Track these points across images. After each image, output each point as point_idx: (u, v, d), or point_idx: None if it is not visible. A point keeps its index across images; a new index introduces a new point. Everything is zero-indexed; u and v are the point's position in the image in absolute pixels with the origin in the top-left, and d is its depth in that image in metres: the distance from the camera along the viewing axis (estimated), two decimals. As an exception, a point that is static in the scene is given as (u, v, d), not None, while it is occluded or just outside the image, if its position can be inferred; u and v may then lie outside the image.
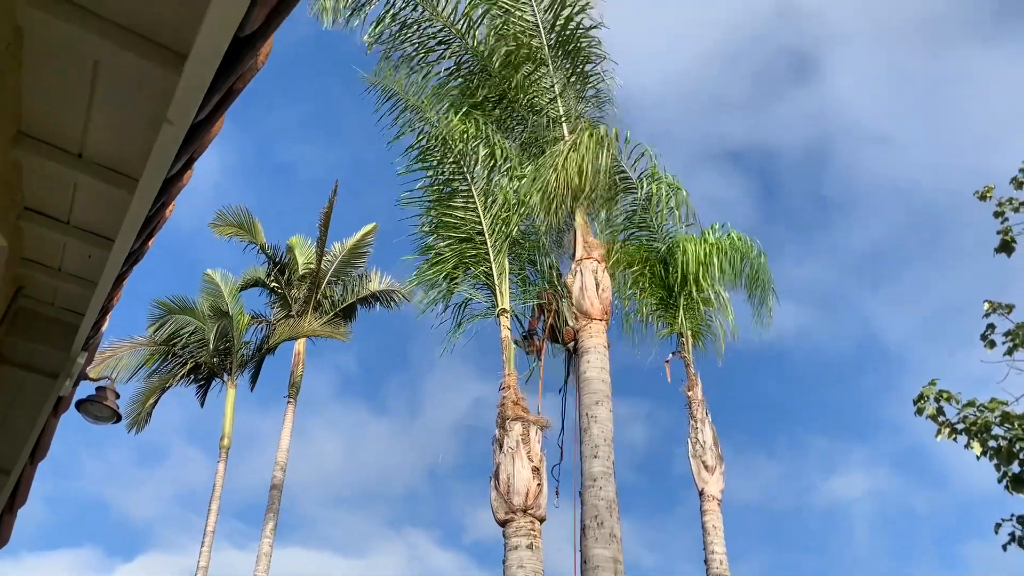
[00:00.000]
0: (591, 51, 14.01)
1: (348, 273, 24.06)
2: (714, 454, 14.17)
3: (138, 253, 3.85)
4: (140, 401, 21.04)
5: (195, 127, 2.23)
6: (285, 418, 21.72)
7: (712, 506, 13.78)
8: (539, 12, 13.71)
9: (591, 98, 14.63)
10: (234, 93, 2.18)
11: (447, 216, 13.61)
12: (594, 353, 12.35)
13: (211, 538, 19.80)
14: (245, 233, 22.25)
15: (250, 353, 22.05)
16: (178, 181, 2.98)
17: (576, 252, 13.35)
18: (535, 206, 12.96)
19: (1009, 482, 7.31)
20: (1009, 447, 7.26)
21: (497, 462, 11.16)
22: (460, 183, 13.55)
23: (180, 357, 21.35)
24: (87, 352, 5.84)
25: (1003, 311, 8.77)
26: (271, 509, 20.42)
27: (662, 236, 15.65)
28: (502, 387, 11.89)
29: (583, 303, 12.76)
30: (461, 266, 13.55)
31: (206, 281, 22.27)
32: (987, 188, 9.51)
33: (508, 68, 13.87)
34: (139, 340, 20.88)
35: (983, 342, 8.80)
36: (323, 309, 22.98)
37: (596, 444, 11.44)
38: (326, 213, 21.95)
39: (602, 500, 10.81)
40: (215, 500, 20.26)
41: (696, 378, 15.12)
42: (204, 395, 22.20)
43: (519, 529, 10.57)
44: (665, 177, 14.72)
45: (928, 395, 7.87)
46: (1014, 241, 9.16)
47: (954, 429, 7.66)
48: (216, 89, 2.03)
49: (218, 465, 20.73)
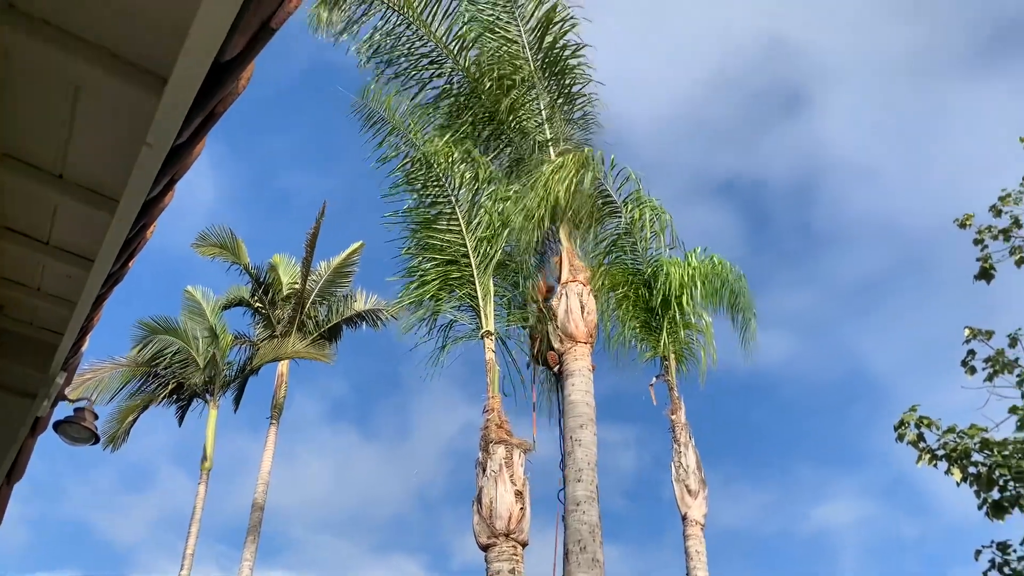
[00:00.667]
0: (577, 72, 14.15)
1: (333, 293, 23.96)
2: (697, 478, 14.15)
3: (118, 274, 3.84)
4: (118, 419, 20.81)
5: (176, 150, 2.24)
6: (267, 440, 21.55)
7: (695, 531, 13.74)
8: (525, 33, 13.85)
9: (578, 120, 14.75)
10: (215, 116, 2.19)
11: (432, 238, 13.63)
12: (579, 376, 12.35)
13: (190, 561, 19.56)
14: (229, 253, 22.14)
15: (233, 374, 21.89)
16: (159, 203, 2.98)
17: (562, 275, 13.38)
18: (519, 227, 13.02)
19: (989, 508, 7.33)
20: (989, 473, 7.29)
21: (480, 486, 11.10)
22: (444, 205, 13.59)
23: (162, 377, 21.16)
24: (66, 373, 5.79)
25: (983, 337, 8.84)
26: (252, 532, 20.21)
27: (646, 259, 15.72)
28: (486, 410, 11.86)
29: (568, 326, 12.78)
30: (446, 287, 13.55)
31: (187, 299, 22.12)
32: (967, 216, 9.62)
33: (498, 90, 13.98)
34: (120, 361, 20.69)
35: (964, 368, 8.86)
36: (307, 330, 22.85)
37: (580, 468, 11.40)
38: (313, 233, 21.91)
39: (585, 524, 10.76)
40: (195, 523, 20.03)
41: (680, 401, 15.13)
42: (183, 415, 22.01)
43: (501, 553, 10.50)
44: (649, 201, 14.81)
45: (909, 421, 7.90)
46: (993, 268, 9.26)
47: (934, 455, 7.69)
48: (197, 113, 2.03)
49: (199, 487, 20.52)
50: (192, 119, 2.06)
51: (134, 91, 1.91)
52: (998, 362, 8.58)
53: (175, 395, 21.72)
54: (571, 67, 14.10)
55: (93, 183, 2.63)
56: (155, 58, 1.81)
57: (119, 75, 1.90)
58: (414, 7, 13.39)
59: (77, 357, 5.47)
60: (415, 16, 13.47)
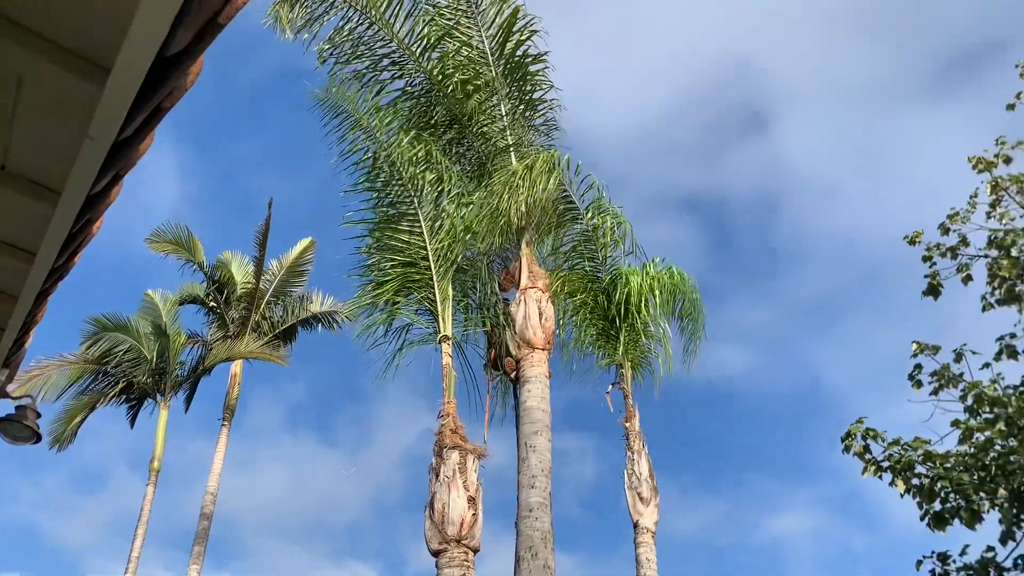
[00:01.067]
0: (539, 79, 14.22)
1: (288, 293, 23.60)
2: (649, 486, 14.23)
3: (62, 269, 3.75)
4: (65, 419, 20.30)
5: (120, 144, 2.19)
6: (219, 442, 21.20)
7: (646, 538, 13.81)
8: (487, 39, 13.87)
9: (540, 127, 14.81)
10: (162, 111, 2.15)
11: (392, 238, 13.51)
12: (535, 383, 12.37)
13: (136, 564, 19.13)
14: (184, 251, 21.71)
15: (185, 373, 21.50)
16: (105, 197, 2.91)
17: (521, 281, 13.40)
18: (481, 233, 13.02)
19: (931, 520, 7.49)
20: (931, 485, 7.45)
21: (433, 491, 11.04)
22: (407, 207, 13.47)
23: (112, 376, 20.69)
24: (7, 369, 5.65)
25: (930, 352, 9.04)
26: (201, 536, 19.85)
27: (606, 267, 15.81)
28: (441, 415, 11.81)
29: (526, 332, 12.80)
30: (404, 290, 13.45)
31: (146, 302, 21.67)
32: (916, 233, 9.83)
33: (460, 94, 13.95)
34: (68, 358, 20.19)
35: (911, 382, 9.05)
36: (262, 330, 22.52)
37: (534, 474, 11.42)
38: (263, 231, 21.52)
39: (537, 531, 10.78)
40: (142, 525, 19.60)
41: (634, 409, 15.21)
42: (134, 416, 21.55)
43: (452, 559, 10.45)
44: (611, 208, 14.92)
45: (855, 433, 8.05)
46: (941, 285, 9.48)
47: (879, 467, 7.84)
48: (142, 107, 2.00)
49: (147, 488, 20.09)
50: (137, 113, 2.02)
51: (77, 82, 1.87)
52: (943, 376, 8.77)
53: (125, 395, 21.26)
54: (532, 74, 14.16)
55: (35, 175, 2.57)
56: (98, 48, 1.77)
57: (62, 64, 1.86)
58: (377, 7, 13.31)
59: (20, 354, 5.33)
60: (378, 16, 13.39)
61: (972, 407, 7.89)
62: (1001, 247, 9.21)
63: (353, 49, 13.74)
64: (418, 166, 13.28)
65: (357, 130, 13.39)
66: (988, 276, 9.32)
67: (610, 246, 15.23)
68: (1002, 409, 7.48)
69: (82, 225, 3.08)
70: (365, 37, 13.70)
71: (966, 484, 7.21)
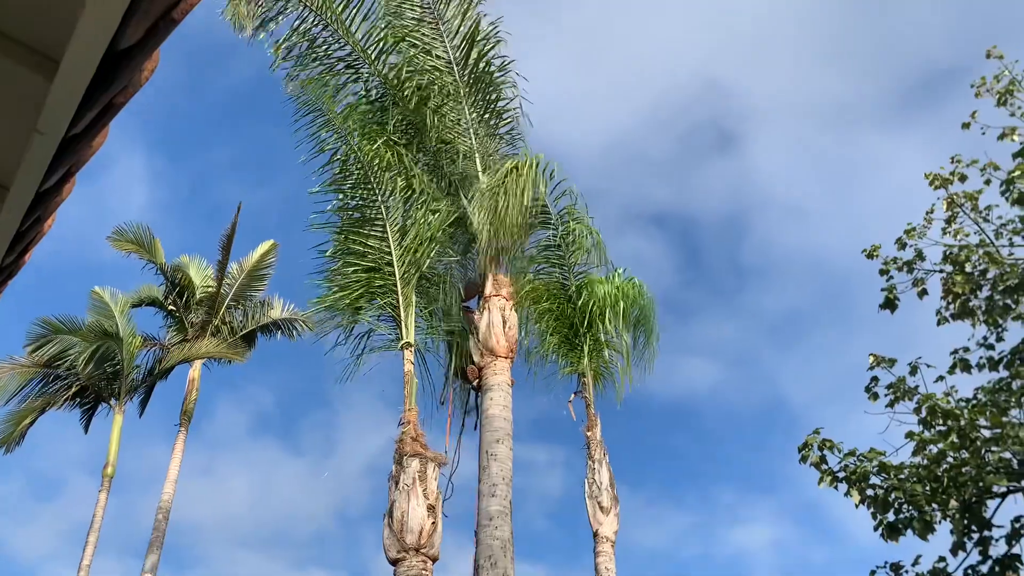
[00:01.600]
0: (503, 88, 14.24)
1: (249, 297, 23.30)
2: (610, 495, 14.26)
3: (12, 267, 3.65)
4: (13, 421, 19.82)
5: (71, 139, 2.14)
6: (175, 447, 20.84)
7: (606, 547, 13.83)
8: (451, 49, 13.86)
9: (504, 135, 14.81)
10: (115, 107, 2.10)
11: (356, 244, 13.38)
12: (498, 391, 12.35)
13: (87, 573, 18.73)
14: (144, 251, 21.37)
15: (141, 377, 21.11)
16: (56, 194, 2.84)
17: (485, 289, 13.37)
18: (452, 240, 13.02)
19: (884, 530, 7.59)
20: (885, 496, 7.55)
21: (392, 499, 10.94)
22: (374, 211, 13.34)
23: (65, 380, 20.25)
24: (-47, 370, 5.47)
25: (886, 365, 9.18)
26: (155, 543, 19.48)
27: (572, 275, 15.86)
28: (401, 422, 11.73)
29: (489, 340, 12.77)
30: (367, 295, 13.34)
31: (95, 299, 21.23)
32: (874, 247, 9.99)
33: (418, 100, 13.89)
34: (20, 361, 19.73)
35: (867, 394, 9.18)
36: (222, 335, 22.20)
37: (495, 483, 11.38)
38: (228, 235, 21.30)
39: (497, 540, 10.74)
40: (94, 532, 19.21)
41: (596, 419, 15.26)
42: (88, 420, 21.12)
43: (411, 568, 10.36)
44: (584, 217, 15.00)
45: (812, 443, 8.13)
46: (897, 299, 9.64)
47: (835, 477, 7.93)
48: (93, 102, 1.95)
49: (100, 495, 19.68)
50: (88, 108, 1.97)
51: (25, 73, 1.82)
52: (899, 389, 8.91)
53: (79, 399, 20.82)
54: (497, 82, 14.18)
55: (-18, 170, 2.50)
56: (47, 39, 1.73)
57: (10, 56, 1.81)
58: (333, 8, 13.19)
59: (-33, 354, 5.18)
60: (334, 17, 13.26)
61: (926, 419, 8.02)
62: (955, 263, 9.40)
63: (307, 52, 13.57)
64: (388, 171, 13.19)
65: (328, 130, 13.27)
66: (943, 291, 9.50)
67: (582, 254, 15.29)
68: (955, 422, 7.61)
69: (32, 223, 2.99)
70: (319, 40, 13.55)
71: (919, 495, 7.32)
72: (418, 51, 13.85)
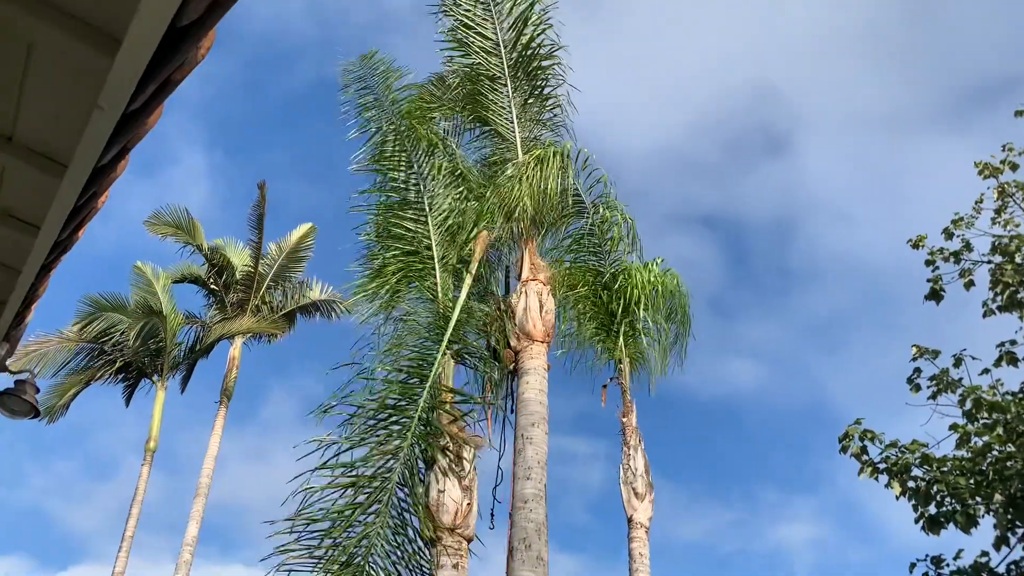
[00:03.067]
0: (549, 74, 14.18)
1: (287, 278, 23.62)
2: (644, 482, 14.23)
3: (67, 243, 3.74)
4: (58, 393, 20.36)
5: (129, 115, 2.18)
6: (215, 424, 21.22)
7: (640, 533, 13.82)
8: (500, 31, 13.84)
9: (547, 122, 14.75)
10: (172, 84, 2.14)
11: (397, 227, 13.48)
12: (534, 375, 12.34)
13: (129, 543, 19.21)
14: (183, 234, 21.70)
15: (183, 354, 21.51)
16: (111, 171, 2.90)
17: (522, 273, 13.36)
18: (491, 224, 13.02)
19: (925, 523, 7.50)
20: (927, 488, 7.45)
21: (428, 480, 11.05)
22: (414, 194, 13.45)
23: (109, 355, 20.73)
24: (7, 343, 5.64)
25: (929, 356, 9.03)
26: (194, 517, 19.90)
27: (609, 262, 15.79)
28: (439, 404, 11.79)
29: (526, 324, 12.76)
30: (406, 279, 13.43)
31: (136, 274, 21.63)
32: (919, 237, 9.81)
33: (471, 84, 13.97)
34: (68, 335, 20.22)
35: (909, 385, 9.04)
36: (262, 314, 22.54)
37: (529, 466, 11.41)
38: (259, 215, 21.54)
39: (531, 523, 10.77)
40: (136, 505, 19.67)
41: (632, 405, 15.21)
42: (130, 395, 21.60)
43: (446, 548, 10.46)
44: (619, 205, 14.91)
45: (853, 434, 8.04)
46: (943, 289, 9.47)
47: (876, 468, 7.84)
48: (152, 78, 1.98)
49: (142, 468, 20.15)
50: (147, 85, 2.01)
51: (88, 51, 1.86)
52: (942, 381, 8.76)
53: (121, 374, 21.30)
54: (544, 67, 14.13)
55: (43, 146, 2.56)
56: (109, 18, 1.76)
57: (73, 34, 1.85)
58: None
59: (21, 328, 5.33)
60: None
61: (970, 412, 7.89)
62: (1005, 253, 9.19)
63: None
64: (432, 154, 13.30)
65: (377, 108, 13.44)
66: (991, 282, 9.30)
67: (617, 241, 15.21)
68: (1001, 415, 7.47)
69: (88, 199, 3.07)
70: None
71: (962, 488, 7.21)
72: (469, 32, 13.91)
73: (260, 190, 21.52)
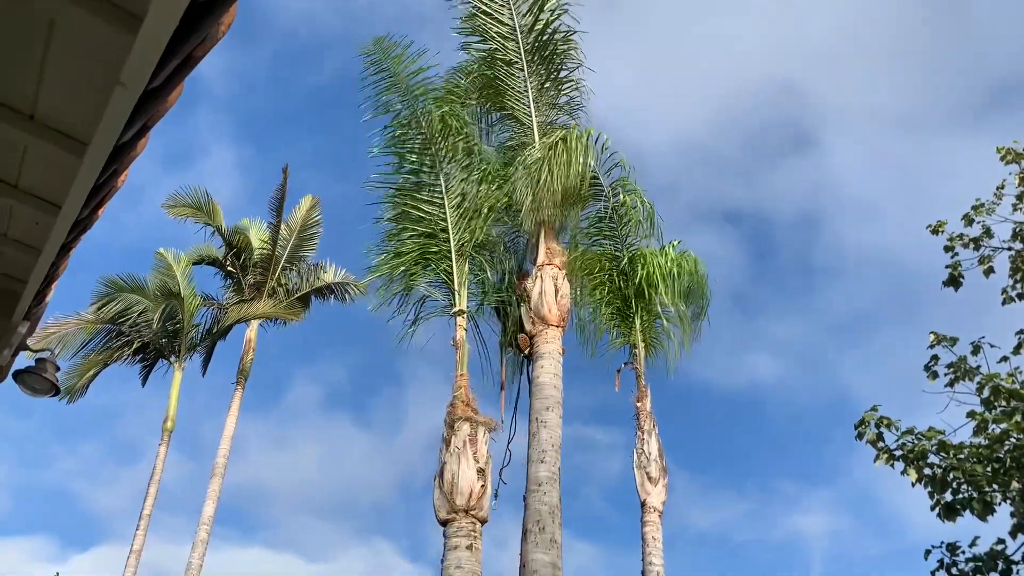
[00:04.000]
0: (565, 57, 14.11)
1: (301, 259, 23.74)
2: (658, 466, 14.25)
3: (87, 222, 3.76)
4: (77, 373, 20.58)
5: (150, 93, 2.19)
6: (232, 404, 21.40)
7: (653, 517, 13.86)
8: (517, 16, 13.78)
9: (563, 105, 14.69)
10: (192, 61, 2.14)
11: (414, 209, 13.51)
12: (548, 359, 12.36)
13: (147, 522, 19.43)
14: (202, 215, 21.82)
15: (200, 336, 21.67)
16: (131, 149, 2.91)
17: (538, 257, 13.35)
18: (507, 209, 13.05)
19: (941, 510, 7.47)
20: (943, 476, 7.42)
21: (443, 461, 11.12)
22: (432, 177, 13.47)
23: (127, 336, 20.91)
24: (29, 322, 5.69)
25: (947, 343, 8.95)
26: (210, 496, 20.10)
27: (626, 246, 15.75)
28: (454, 387, 11.86)
29: (541, 309, 12.77)
30: (422, 261, 13.47)
31: (158, 260, 21.79)
32: (939, 223, 9.70)
33: (489, 69, 13.96)
34: (86, 316, 20.39)
35: (926, 372, 8.97)
36: (278, 296, 22.68)
37: (544, 449, 11.45)
38: (279, 196, 21.61)
39: (545, 505, 10.82)
40: (154, 484, 19.88)
41: (646, 390, 15.21)
42: (147, 376, 21.79)
43: (460, 529, 10.53)
44: (637, 188, 14.85)
45: (869, 420, 8.00)
46: (961, 276, 9.38)
47: (892, 455, 7.81)
48: (173, 55, 1.99)
49: (159, 448, 20.36)
50: (167, 62, 2.01)
51: (109, 29, 1.86)
52: (960, 368, 8.69)
53: (139, 355, 21.49)
54: (559, 52, 14.06)
55: (64, 125, 2.57)
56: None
57: (94, 11, 1.85)
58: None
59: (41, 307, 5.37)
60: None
61: (988, 399, 7.83)
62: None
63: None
64: (448, 137, 13.30)
65: (394, 91, 13.45)
66: (1011, 269, 9.21)
67: (635, 225, 15.16)
68: (1019, 402, 7.42)
69: (108, 177, 3.08)
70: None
71: (979, 475, 7.17)
72: (488, 19, 13.90)
73: (283, 173, 21.62)
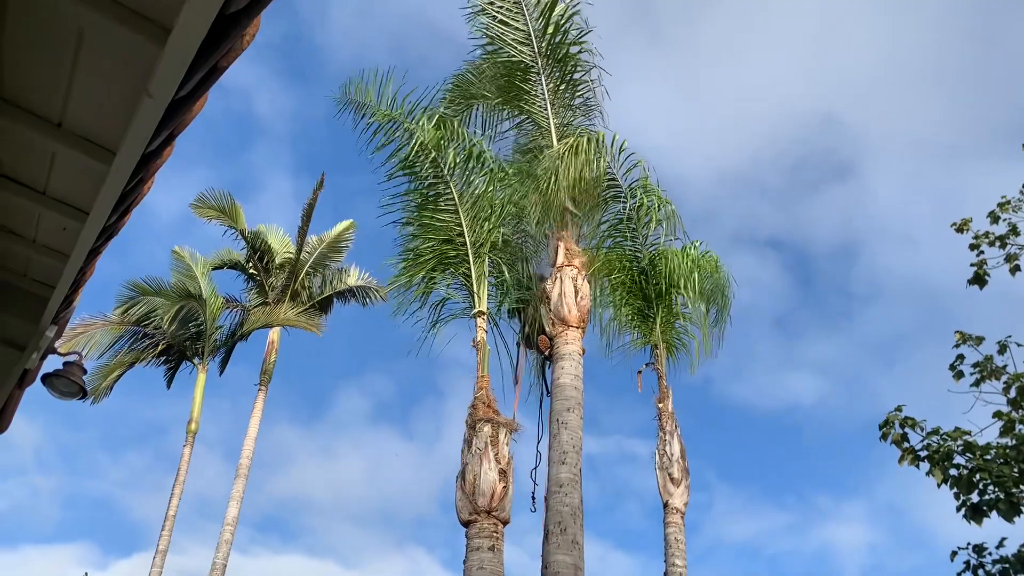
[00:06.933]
0: (579, 59, 14.12)
1: (326, 266, 23.97)
2: (680, 467, 14.20)
3: (113, 228, 3.82)
4: (103, 374, 20.84)
5: (177, 103, 2.22)
6: (255, 405, 21.57)
7: (675, 519, 13.81)
8: (531, 21, 13.81)
9: (579, 107, 14.68)
10: (218, 71, 2.17)
11: (430, 218, 13.63)
12: (569, 360, 12.35)
13: (172, 523, 19.63)
14: (226, 217, 22.05)
15: (223, 338, 21.88)
16: (157, 157, 2.96)
17: (557, 259, 13.35)
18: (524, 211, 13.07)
19: (967, 511, 7.39)
20: (969, 476, 7.34)
21: (464, 462, 11.14)
22: (442, 187, 13.60)
23: (152, 338, 21.15)
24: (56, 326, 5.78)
25: (973, 343, 8.85)
26: (234, 497, 20.27)
27: (646, 247, 15.70)
28: (475, 388, 11.88)
29: (561, 310, 12.77)
30: (440, 267, 13.54)
31: (175, 259, 22.04)
32: (964, 221, 9.60)
33: (503, 73, 14.00)
34: (112, 319, 20.65)
35: (951, 372, 8.87)
36: (300, 299, 22.85)
37: (565, 450, 11.44)
38: (310, 204, 21.87)
39: (567, 507, 10.81)
40: (179, 484, 20.08)
41: (668, 391, 15.16)
42: (172, 377, 22.02)
43: (482, 530, 10.55)
44: (656, 189, 14.79)
45: (894, 421, 7.94)
46: (987, 274, 9.27)
47: (917, 456, 7.74)
48: (199, 66, 2.02)
49: (184, 450, 20.56)
50: (195, 72, 2.04)
51: (137, 39, 1.90)
52: (986, 368, 8.59)
53: (163, 356, 21.73)
54: (573, 54, 14.06)
55: (92, 133, 2.62)
56: (160, 6, 1.80)
57: (123, 22, 1.89)
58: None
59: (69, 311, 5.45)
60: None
61: (1015, 399, 7.74)
62: (1053, 238, 8.98)
63: None
64: (454, 146, 13.41)
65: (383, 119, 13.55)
66: (1038, 267, 9.09)
67: (654, 225, 15.11)
68: (1047, 402, 7.33)
69: (134, 184, 3.13)
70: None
71: (1006, 476, 7.09)
72: (503, 27, 13.98)
73: (319, 180, 21.92)
